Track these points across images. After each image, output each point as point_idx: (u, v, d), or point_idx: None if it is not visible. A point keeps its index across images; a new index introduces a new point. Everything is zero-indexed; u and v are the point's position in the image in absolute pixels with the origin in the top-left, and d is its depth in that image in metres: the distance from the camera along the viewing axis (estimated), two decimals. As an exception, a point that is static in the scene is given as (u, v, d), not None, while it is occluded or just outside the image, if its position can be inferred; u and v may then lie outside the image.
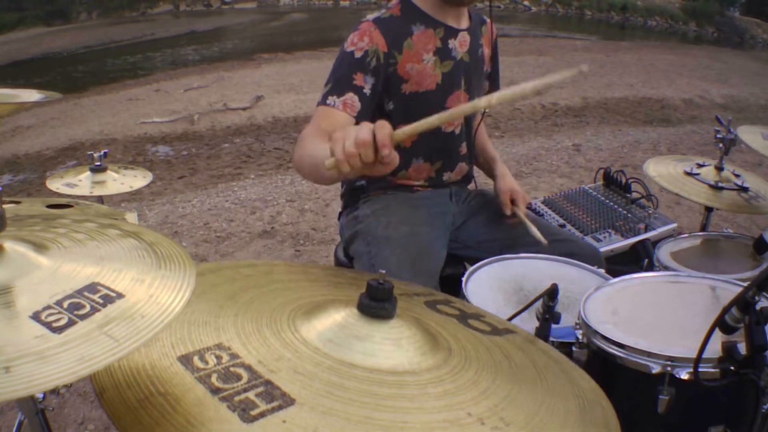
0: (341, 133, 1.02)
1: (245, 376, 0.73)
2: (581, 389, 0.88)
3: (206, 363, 0.75)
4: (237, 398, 0.69)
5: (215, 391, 0.70)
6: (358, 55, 1.60)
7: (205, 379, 0.72)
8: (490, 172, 2.00)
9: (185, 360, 0.75)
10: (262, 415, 0.67)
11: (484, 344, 0.94)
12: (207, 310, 0.87)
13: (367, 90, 1.59)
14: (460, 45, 1.73)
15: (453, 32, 1.72)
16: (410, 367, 0.81)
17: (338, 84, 1.59)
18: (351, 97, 1.57)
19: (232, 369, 0.74)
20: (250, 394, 0.70)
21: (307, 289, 1.01)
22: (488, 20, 1.86)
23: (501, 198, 1.86)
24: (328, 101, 1.57)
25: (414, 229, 1.70)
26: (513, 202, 1.85)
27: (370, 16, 1.68)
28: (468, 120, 1.83)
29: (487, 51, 1.87)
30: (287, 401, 0.69)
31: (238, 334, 0.81)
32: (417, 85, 1.68)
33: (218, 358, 0.76)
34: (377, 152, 0.99)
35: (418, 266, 1.60)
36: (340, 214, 1.93)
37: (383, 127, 0.99)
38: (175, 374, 0.73)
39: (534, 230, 1.72)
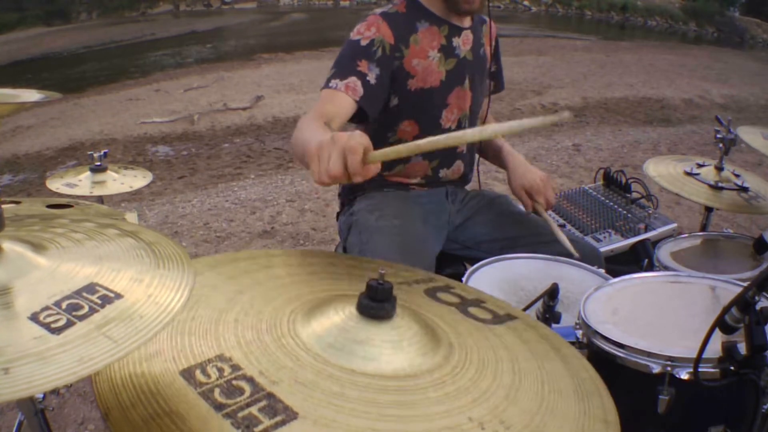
0: (316, 153, 1.03)
1: (247, 389, 0.73)
2: (581, 379, 0.88)
3: (208, 377, 0.74)
4: (240, 414, 0.69)
5: (219, 407, 0.70)
6: (363, 43, 1.61)
7: (208, 394, 0.72)
8: (502, 165, 1.94)
9: (187, 374, 0.75)
10: (266, 431, 0.67)
11: (485, 336, 0.94)
12: (207, 315, 0.86)
13: (371, 78, 1.59)
14: (463, 43, 1.75)
15: (457, 30, 1.73)
16: (411, 370, 0.80)
17: (341, 69, 1.59)
18: (354, 81, 1.57)
19: (234, 382, 0.74)
20: (253, 409, 0.70)
21: (306, 284, 1.01)
22: (488, 19, 1.87)
23: (517, 196, 1.82)
24: (330, 84, 1.57)
25: (406, 222, 1.70)
26: (531, 197, 1.77)
27: (377, 10, 1.69)
28: (472, 118, 1.83)
29: (488, 50, 1.87)
30: (290, 415, 0.69)
31: (239, 343, 0.81)
32: (422, 82, 1.69)
33: (220, 370, 0.76)
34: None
35: (407, 255, 1.59)
36: (338, 214, 1.94)
37: (354, 152, 0.98)
38: (178, 390, 0.73)
39: (559, 234, 1.65)
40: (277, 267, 1.07)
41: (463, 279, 1.51)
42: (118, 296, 0.68)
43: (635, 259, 1.92)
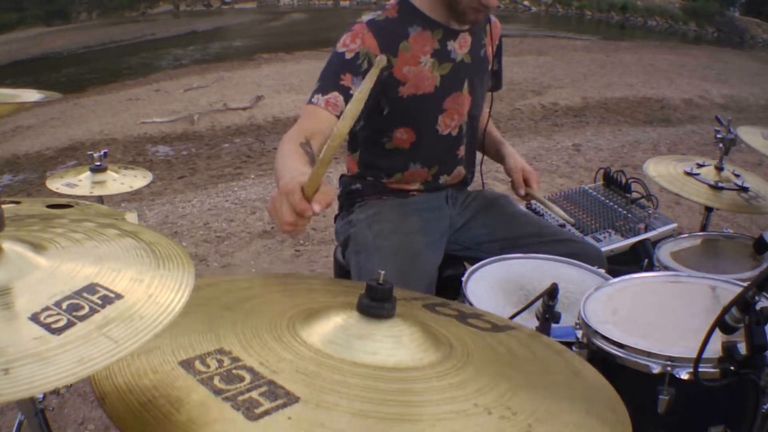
0: (273, 210, 1.11)
1: (248, 377, 0.72)
2: (585, 378, 0.88)
3: (208, 366, 0.74)
4: (241, 398, 0.69)
5: (218, 392, 0.70)
6: (348, 56, 1.59)
7: (208, 381, 0.72)
8: (498, 154, 1.96)
9: (186, 364, 0.75)
10: (267, 413, 0.66)
11: (486, 340, 0.94)
12: (206, 320, 0.86)
13: (354, 92, 1.58)
14: (459, 46, 1.71)
15: (452, 33, 1.70)
16: (413, 364, 0.80)
17: (325, 83, 1.58)
18: (335, 96, 1.55)
19: (234, 371, 0.73)
20: (254, 394, 0.69)
21: (305, 296, 1.01)
22: (493, 17, 1.85)
23: (513, 177, 1.85)
24: (313, 99, 1.57)
25: (405, 238, 1.69)
26: (526, 182, 1.83)
27: (365, 18, 1.65)
28: (471, 123, 1.82)
29: (490, 50, 1.85)
30: (291, 399, 0.69)
31: (239, 340, 0.81)
32: (414, 88, 1.66)
33: (220, 361, 0.75)
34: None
35: (405, 277, 1.57)
36: (336, 217, 1.93)
37: (291, 193, 1.05)
38: (177, 378, 0.72)
39: (556, 209, 1.72)
40: (274, 285, 1.08)
41: (463, 279, 1.51)
42: (119, 296, 0.68)
43: (635, 259, 1.92)
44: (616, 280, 1.36)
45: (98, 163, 2.10)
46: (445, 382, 0.78)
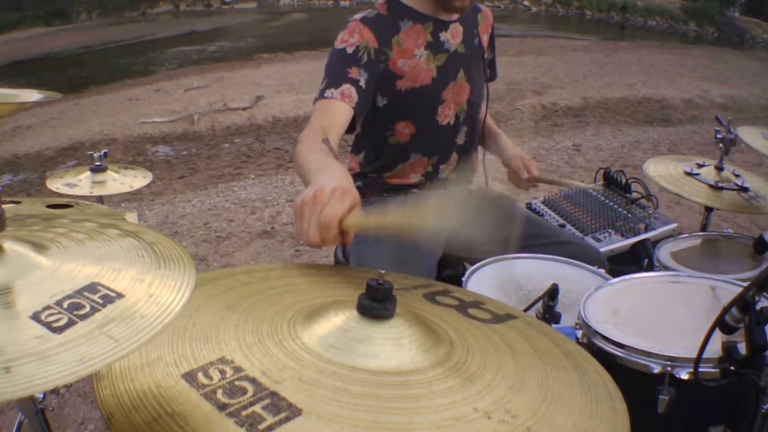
0: (299, 211, 1.04)
1: (250, 389, 0.72)
2: (585, 371, 0.88)
3: (210, 379, 0.74)
4: (244, 413, 0.69)
5: (222, 407, 0.70)
6: (350, 50, 1.60)
7: (211, 395, 0.72)
8: (497, 145, 2.00)
9: (189, 377, 0.75)
10: (270, 428, 0.67)
11: (486, 334, 0.94)
12: (207, 322, 0.86)
13: (362, 83, 1.59)
14: (452, 37, 1.73)
15: (443, 25, 1.72)
16: (413, 366, 0.80)
17: (334, 78, 1.58)
18: (348, 88, 1.56)
19: (236, 383, 0.73)
20: (257, 408, 0.70)
21: (305, 292, 1.01)
22: (483, 8, 1.86)
23: (512, 164, 1.90)
24: (326, 94, 1.56)
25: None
26: (526, 169, 1.88)
27: (357, 16, 1.68)
28: (470, 110, 1.82)
29: (485, 38, 1.86)
30: (294, 412, 0.69)
31: (240, 347, 0.81)
32: (412, 81, 1.68)
33: (222, 372, 0.75)
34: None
35: (405, 266, 1.59)
36: None
37: (328, 228, 1.01)
38: (180, 393, 0.72)
39: (565, 181, 1.73)
40: (274, 279, 1.08)
41: (463, 279, 1.51)
42: (120, 296, 0.68)
43: (635, 259, 1.92)
44: (616, 280, 1.36)
45: (98, 163, 2.10)
46: (445, 385, 0.78)
